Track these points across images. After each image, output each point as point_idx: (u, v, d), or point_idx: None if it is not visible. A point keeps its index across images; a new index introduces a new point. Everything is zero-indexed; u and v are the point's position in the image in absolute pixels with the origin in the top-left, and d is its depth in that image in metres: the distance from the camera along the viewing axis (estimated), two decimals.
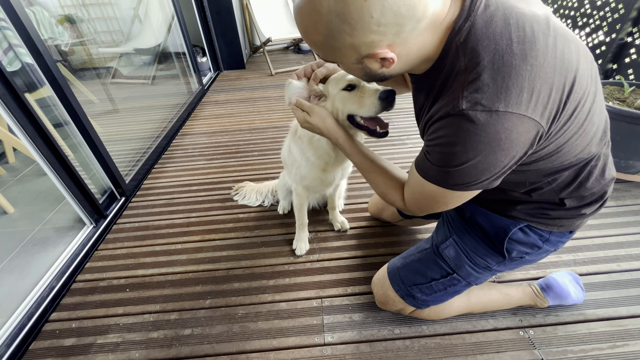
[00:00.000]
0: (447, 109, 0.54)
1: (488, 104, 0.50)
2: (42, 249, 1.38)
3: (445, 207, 0.67)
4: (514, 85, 0.49)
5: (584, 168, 0.65)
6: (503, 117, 0.50)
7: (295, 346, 0.99)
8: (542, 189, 0.69)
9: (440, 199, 0.65)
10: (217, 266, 1.27)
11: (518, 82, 0.49)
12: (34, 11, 1.96)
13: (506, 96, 0.49)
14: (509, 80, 0.49)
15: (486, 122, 0.50)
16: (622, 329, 0.97)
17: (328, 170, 1.06)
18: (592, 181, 0.67)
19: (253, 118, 2.53)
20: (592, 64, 0.58)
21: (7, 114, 1.10)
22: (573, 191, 0.68)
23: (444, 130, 0.56)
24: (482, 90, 0.50)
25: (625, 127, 1.39)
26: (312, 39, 0.57)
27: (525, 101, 0.50)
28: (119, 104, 2.38)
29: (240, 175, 1.82)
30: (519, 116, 0.50)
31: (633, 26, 1.80)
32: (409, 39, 0.52)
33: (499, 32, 0.51)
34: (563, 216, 0.73)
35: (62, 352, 1.01)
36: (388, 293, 0.97)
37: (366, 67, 0.58)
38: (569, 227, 0.76)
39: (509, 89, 0.49)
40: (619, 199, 1.45)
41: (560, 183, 0.67)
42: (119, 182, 1.62)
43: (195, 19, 3.34)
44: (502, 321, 1.01)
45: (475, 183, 0.58)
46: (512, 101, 0.49)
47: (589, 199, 0.71)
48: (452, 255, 0.85)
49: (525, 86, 0.49)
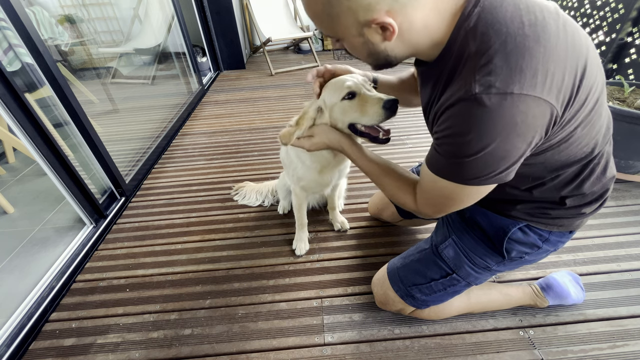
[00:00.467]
0: (458, 95, 0.52)
1: (502, 87, 0.48)
2: (42, 249, 1.38)
3: (459, 205, 0.64)
4: (528, 67, 0.48)
5: (587, 165, 0.65)
6: (518, 99, 0.48)
7: (295, 346, 0.99)
8: (544, 186, 0.68)
9: (454, 197, 0.62)
10: (217, 266, 1.27)
11: (532, 63, 0.48)
12: (34, 11, 1.96)
13: (520, 78, 0.47)
14: (523, 61, 0.48)
15: (500, 105, 0.48)
16: (622, 329, 0.97)
17: (324, 172, 1.06)
18: (594, 179, 0.67)
19: (253, 118, 2.53)
20: (598, 56, 0.57)
21: (7, 114, 1.10)
22: (574, 189, 0.68)
23: (455, 118, 0.54)
24: (495, 73, 0.48)
25: (625, 127, 1.39)
26: (313, 10, 0.57)
27: (540, 83, 0.48)
28: (119, 104, 2.38)
29: (240, 175, 1.82)
30: (534, 98, 0.48)
31: (633, 26, 1.80)
32: (408, 7, 0.51)
33: (510, 16, 0.50)
34: (563, 215, 0.73)
35: (62, 352, 1.01)
36: (388, 293, 0.97)
37: (368, 41, 0.57)
38: (568, 227, 0.76)
39: (523, 71, 0.47)
40: (619, 199, 1.45)
41: (562, 179, 0.66)
42: (119, 182, 1.62)
43: (195, 19, 3.34)
44: (502, 321, 1.01)
45: (491, 175, 0.56)
46: (527, 83, 0.48)
47: (590, 198, 0.70)
48: (451, 256, 0.85)
49: (540, 68, 0.48)
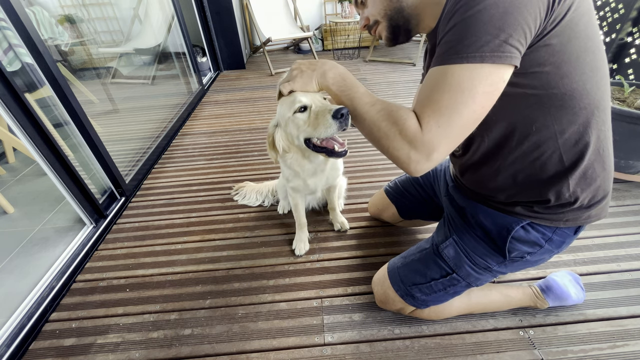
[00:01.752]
0: (436, 42, 0.55)
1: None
2: (42, 249, 1.38)
3: (468, 103, 0.53)
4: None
5: (588, 126, 0.62)
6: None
7: (295, 346, 0.99)
8: (549, 147, 0.64)
9: (463, 89, 0.52)
10: (217, 266, 1.27)
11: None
12: (34, 11, 1.96)
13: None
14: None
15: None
16: (622, 329, 0.97)
17: (307, 178, 1.09)
18: (597, 154, 0.65)
19: (253, 118, 2.53)
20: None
21: (7, 114, 1.10)
22: (581, 174, 0.65)
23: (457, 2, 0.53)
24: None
25: (625, 127, 1.39)
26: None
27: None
28: (119, 104, 2.38)
29: (240, 175, 1.82)
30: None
31: (633, 26, 1.80)
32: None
33: None
34: (563, 204, 0.70)
35: (62, 352, 1.01)
36: (388, 292, 0.97)
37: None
38: (574, 222, 0.72)
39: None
40: (619, 199, 1.45)
41: (567, 141, 0.63)
42: (119, 182, 1.62)
43: (195, 19, 3.34)
44: (502, 321, 1.01)
45: (497, 40, 0.50)
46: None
47: (600, 194, 0.69)
48: (451, 255, 0.85)
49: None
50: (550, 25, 0.53)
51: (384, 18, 0.73)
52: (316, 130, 0.79)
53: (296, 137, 0.86)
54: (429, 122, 0.55)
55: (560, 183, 0.68)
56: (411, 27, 0.73)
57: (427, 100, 0.56)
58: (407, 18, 0.71)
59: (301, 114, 0.81)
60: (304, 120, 0.81)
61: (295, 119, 0.82)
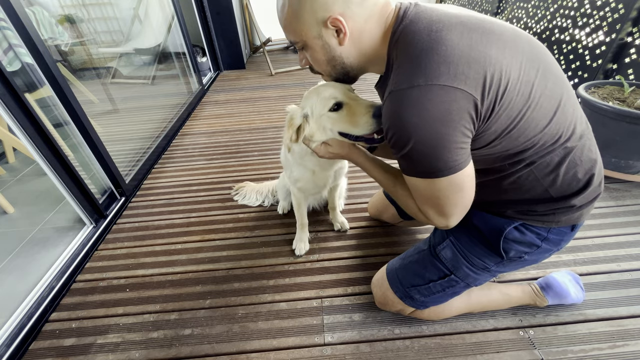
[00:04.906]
0: (383, 96, 0.62)
1: (408, 81, 0.56)
2: (42, 249, 1.38)
3: (453, 200, 0.64)
4: (432, 62, 0.54)
5: (561, 152, 0.65)
6: (425, 89, 0.54)
7: (295, 346, 0.99)
8: (526, 178, 0.68)
9: (436, 192, 0.64)
10: (217, 266, 1.27)
11: (435, 59, 0.54)
12: (34, 11, 1.96)
13: (425, 72, 0.54)
14: (427, 59, 0.55)
15: (410, 97, 0.55)
16: (622, 329, 0.97)
17: (319, 174, 1.08)
18: (570, 164, 0.66)
19: (253, 118, 2.53)
20: (533, 46, 0.62)
21: (7, 114, 1.10)
22: (555, 178, 0.67)
23: (385, 118, 0.62)
24: (404, 71, 0.57)
25: (625, 127, 1.39)
26: (284, 13, 0.65)
27: (444, 73, 0.54)
28: (119, 104, 2.38)
29: (240, 175, 1.82)
30: (441, 87, 0.54)
31: (633, 26, 1.80)
32: (357, 16, 0.62)
33: (423, 27, 0.58)
34: (553, 209, 0.71)
35: (62, 352, 1.01)
36: (387, 294, 0.97)
37: (326, 43, 0.65)
38: (567, 222, 0.73)
39: (427, 66, 0.54)
40: (619, 199, 1.45)
41: (540, 166, 0.66)
42: (119, 182, 1.62)
43: (195, 19, 3.34)
44: (502, 321, 1.01)
45: (441, 165, 0.59)
46: (431, 75, 0.54)
47: (575, 187, 0.69)
48: (449, 257, 0.85)
49: (442, 61, 0.54)
50: (485, 120, 0.59)
51: (329, 77, 0.78)
52: (354, 128, 0.82)
53: (330, 130, 0.86)
54: (453, 215, 0.68)
55: (547, 198, 0.70)
56: (356, 76, 0.78)
57: (441, 207, 0.67)
58: (351, 75, 0.76)
59: (336, 113, 0.83)
60: (340, 118, 0.83)
61: (331, 116, 0.83)
